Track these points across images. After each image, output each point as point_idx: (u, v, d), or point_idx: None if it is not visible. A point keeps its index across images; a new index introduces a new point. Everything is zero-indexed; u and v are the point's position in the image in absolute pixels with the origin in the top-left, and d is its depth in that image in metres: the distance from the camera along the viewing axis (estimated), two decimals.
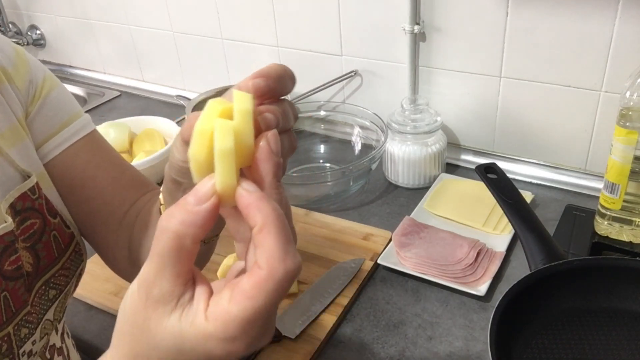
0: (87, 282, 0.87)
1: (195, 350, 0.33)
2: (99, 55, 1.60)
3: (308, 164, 1.14)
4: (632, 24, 0.84)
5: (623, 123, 0.77)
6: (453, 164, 1.10)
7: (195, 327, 0.32)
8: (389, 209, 1.00)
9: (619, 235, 0.85)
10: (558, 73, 0.94)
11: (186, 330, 0.33)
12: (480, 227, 0.91)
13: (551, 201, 0.98)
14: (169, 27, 1.39)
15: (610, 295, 0.69)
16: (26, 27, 1.71)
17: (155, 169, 1.08)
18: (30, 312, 0.51)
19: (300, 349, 0.72)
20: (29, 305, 0.51)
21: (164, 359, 0.34)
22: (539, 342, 0.65)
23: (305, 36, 1.18)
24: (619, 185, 0.81)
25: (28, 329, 0.50)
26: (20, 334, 0.49)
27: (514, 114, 1.02)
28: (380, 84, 1.14)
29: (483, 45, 0.98)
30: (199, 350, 0.33)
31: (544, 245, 0.71)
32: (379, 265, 0.85)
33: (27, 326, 0.50)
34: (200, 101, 1.25)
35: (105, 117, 1.39)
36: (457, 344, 0.73)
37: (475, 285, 0.79)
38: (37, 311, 0.52)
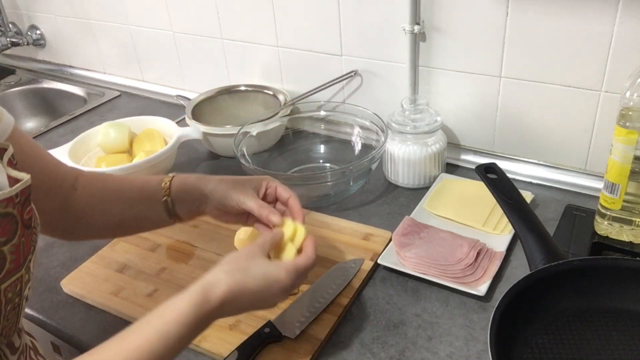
0: (87, 282, 0.87)
1: (271, 275, 0.63)
2: (99, 55, 1.60)
3: (308, 164, 1.14)
4: (632, 24, 0.84)
5: (623, 123, 0.77)
6: (453, 164, 1.10)
7: (275, 264, 0.66)
8: (389, 209, 1.00)
9: (619, 235, 0.85)
10: (558, 73, 0.94)
11: (269, 263, 0.65)
12: (480, 227, 0.91)
13: (551, 201, 0.98)
14: (169, 27, 1.39)
15: (610, 295, 0.69)
16: (26, 27, 1.71)
17: (155, 169, 1.08)
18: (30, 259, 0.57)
19: (300, 349, 0.72)
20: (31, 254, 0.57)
21: (254, 274, 0.63)
22: (539, 342, 0.66)
23: (305, 36, 1.18)
24: (619, 185, 0.81)
25: (28, 274, 0.57)
26: (24, 279, 0.56)
27: (514, 114, 1.02)
28: (380, 84, 1.14)
29: (483, 45, 0.98)
30: (273, 275, 0.63)
31: (544, 245, 0.71)
32: (379, 265, 0.85)
33: (27, 272, 0.57)
34: (200, 101, 1.26)
35: (105, 117, 1.39)
36: (457, 344, 0.73)
37: (475, 285, 0.79)
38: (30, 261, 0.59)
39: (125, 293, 0.84)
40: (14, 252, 0.54)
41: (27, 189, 0.55)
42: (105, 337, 0.79)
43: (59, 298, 0.87)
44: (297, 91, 1.23)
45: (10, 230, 0.53)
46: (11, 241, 0.53)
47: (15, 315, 0.57)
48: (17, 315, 0.58)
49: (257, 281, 0.63)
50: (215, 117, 1.26)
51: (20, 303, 0.57)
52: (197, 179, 0.77)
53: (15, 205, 0.53)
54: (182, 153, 1.21)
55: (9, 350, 0.60)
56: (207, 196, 0.76)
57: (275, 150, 1.16)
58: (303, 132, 1.19)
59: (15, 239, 0.54)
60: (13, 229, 0.53)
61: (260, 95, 1.28)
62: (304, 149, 1.17)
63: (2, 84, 1.69)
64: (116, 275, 0.88)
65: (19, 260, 0.55)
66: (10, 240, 0.53)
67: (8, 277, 0.54)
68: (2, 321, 0.55)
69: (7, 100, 1.65)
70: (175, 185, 0.76)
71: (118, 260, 0.91)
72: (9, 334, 0.58)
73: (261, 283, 0.63)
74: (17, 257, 0.54)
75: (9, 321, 0.56)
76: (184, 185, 0.76)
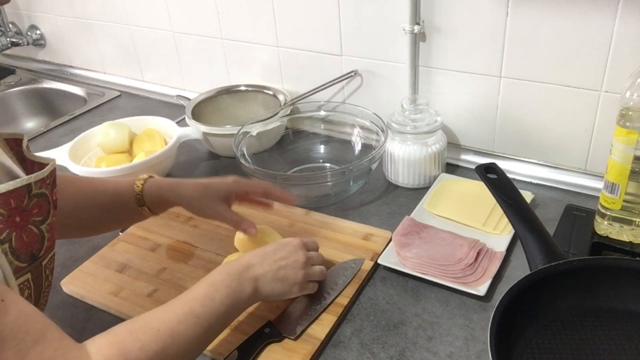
0: (87, 282, 0.87)
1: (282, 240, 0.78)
2: (99, 55, 1.60)
3: (308, 164, 1.14)
4: (632, 24, 0.84)
5: (623, 123, 0.77)
6: (453, 164, 1.10)
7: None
8: (389, 209, 1.00)
9: (619, 235, 0.85)
10: (558, 73, 0.94)
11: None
12: (480, 227, 0.91)
13: (551, 201, 0.98)
14: (169, 27, 1.39)
15: (610, 295, 0.69)
16: (26, 27, 1.71)
17: (155, 169, 1.08)
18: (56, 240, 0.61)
19: (300, 349, 0.72)
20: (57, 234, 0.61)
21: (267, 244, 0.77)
22: (539, 342, 0.66)
23: (305, 36, 1.18)
24: (619, 185, 0.81)
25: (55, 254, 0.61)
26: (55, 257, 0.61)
27: (514, 114, 1.02)
28: (380, 84, 1.14)
29: (483, 45, 0.98)
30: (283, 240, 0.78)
31: (544, 245, 0.71)
32: (379, 265, 0.85)
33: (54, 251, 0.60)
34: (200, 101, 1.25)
35: (105, 117, 1.39)
36: (457, 344, 0.73)
37: (475, 285, 0.79)
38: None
39: (125, 293, 0.84)
40: (49, 230, 0.57)
41: (54, 171, 0.60)
42: None
43: (59, 298, 0.87)
44: (297, 91, 1.23)
45: (45, 209, 0.56)
46: (47, 220, 0.57)
47: (48, 293, 0.61)
48: (49, 293, 0.62)
49: (271, 246, 0.76)
50: (215, 117, 1.26)
51: (51, 281, 0.61)
52: (169, 190, 0.82)
53: (47, 186, 0.57)
54: (182, 153, 1.21)
55: None
56: (180, 205, 0.83)
57: (275, 150, 1.16)
58: (303, 132, 1.19)
59: (50, 218, 0.57)
60: (47, 209, 0.57)
61: (260, 95, 1.28)
62: (304, 149, 1.17)
63: (2, 84, 1.69)
64: (116, 275, 0.88)
65: (54, 238, 0.59)
66: (46, 219, 0.56)
67: (47, 253, 0.57)
68: (41, 298, 0.59)
69: (7, 100, 1.65)
70: (148, 195, 0.81)
71: (118, 260, 0.91)
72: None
73: (275, 245, 0.76)
74: (52, 235, 0.58)
75: (44, 298, 0.60)
76: (157, 197, 0.82)
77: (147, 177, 0.82)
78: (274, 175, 0.99)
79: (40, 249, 0.56)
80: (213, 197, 0.81)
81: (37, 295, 0.57)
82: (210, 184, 0.83)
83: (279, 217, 0.96)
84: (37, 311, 0.52)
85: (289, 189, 1.01)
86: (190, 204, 0.81)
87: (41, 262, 0.56)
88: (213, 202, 0.81)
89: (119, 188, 0.81)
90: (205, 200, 0.81)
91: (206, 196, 0.81)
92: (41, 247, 0.56)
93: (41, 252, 0.56)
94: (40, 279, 0.57)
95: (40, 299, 0.58)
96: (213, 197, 0.81)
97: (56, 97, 1.64)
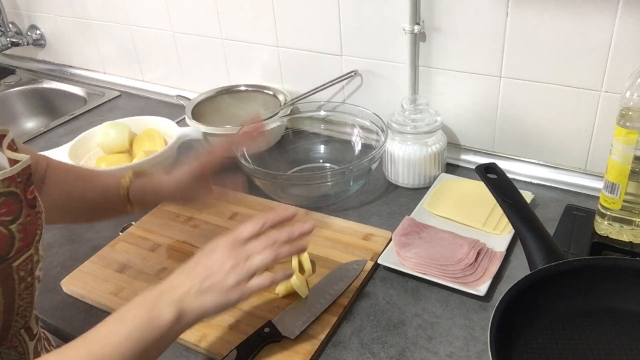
0: (87, 282, 0.87)
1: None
2: (99, 55, 1.60)
3: (308, 164, 1.14)
4: (632, 24, 0.84)
5: (623, 123, 0.77)
6: (453, 164, 1.10)
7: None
8: (389, 209, 1.00)
9: (619, 235, 0.85)
10: (558, 73, 0.94)
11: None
12: (480, 227, 0.91)
13: (551, 201, 0.98)
14: (169, 27, 1.39)
15: (610, 295, 0.69)
16: (26, 27, 1.71)
17: (155, 169, 1.08)
18: (37, 240, 0.59)
19: (300, 349, 0.72)
20: (38, 235, 0.59)
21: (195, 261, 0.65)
22: (539, 342, 0.65)
23: (305, 36, 1.18)
24: (619, 185, 0.81)
25: (37, 255, 0.59)
26: (34, 258, 0.58)
27: (514, 114, 1.02)
28: (380, 84, 1.14)
29: (483, 45, 0.98)
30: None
31: (544, 245, 0.71)
32: (379, 265, 0.85)
33: (37, 253, 0.59)
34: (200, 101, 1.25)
35: (105, 117, 1.39)
36: (457, 344, 0.73)
37: (475, 285, 0.79)
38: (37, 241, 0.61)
39: (125, 293, 0.84)
40: (21, 230, 0.55)
41: (28, 169, 0.58)
42: None
43: (59, 298, 0.87)
44: (297, 91, 1.23)
45: (16, 209, 0.55)
46: (18, 219, 0.55)
47: (30, 295, 0.59)
48: (32, 295, 0.59)
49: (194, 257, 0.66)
50: (215, 117, 1.25)
51: (32, 283, 0.59)
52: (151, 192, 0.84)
53: (17, 185, 0.55)
54: (182, 153, 1.21)
55: (27, 336, 0.62)
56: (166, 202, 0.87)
57: (275, 150, 1.16)
58: (303, 132, 1.19)
59: (22, 217, 0.55)
60: (18, 208, 0.55)
61: (260, 95, 1.28)
62: (304, 149, 1.17)
63: (2, 84, 1.69)
64: (116, 275, 0.88)
65: (27, 238, 0.56)
66: (17, 219, 0.55)
67: (19, 255, 0.55)
68: (17, 300, 0.56)
69: (7, 100, 1.65)
70: (134, 194, 0.82)
71: (118, 260, 0.91)
72: (27, 316, 0.60)
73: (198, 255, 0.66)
74: (26, 235, 0.56)
75: (23, 300, 0.58)
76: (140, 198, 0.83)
77: (132, 172, 0.84)
78: (274, 175, 1.00)
79: (10, 250, 0.54)
80: (190, 187, 0.83)
81: (10, 298, 0.55)
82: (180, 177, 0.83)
83: None
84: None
85: (289, 189, 1.01)
86: (174, 200, 0.88)
87: (11, 264, 0.54)
88: (192, 191, 0.84)
89: (107, 185, 0.82)
90: (185, 192, 0.84)
91: (185, 190, 0.83)
92: (10, 248, 0.54)
93: (11, 253, 0.54)
94: (10, 281, 0.55)
95: (15, 302, 0.56)
96: (191, 188, 0.83)
97: (56, 97, 1.65)
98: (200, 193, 0.85)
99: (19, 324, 0.59)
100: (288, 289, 0.80)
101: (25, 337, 0.62)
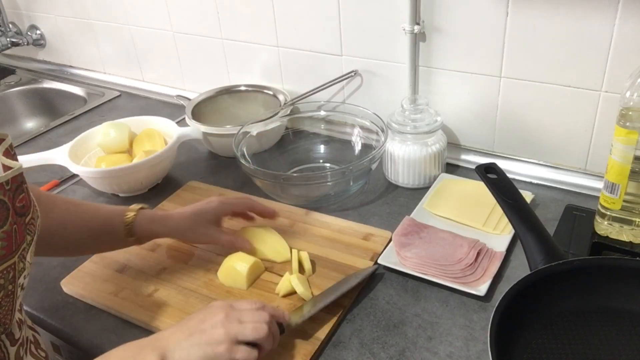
0: (87, 282, 0.87)
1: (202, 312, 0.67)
2: (99, 55, 1.60)
3: (308, 164, 1.14)
4: (632, 24, 0.84)
5: (623, 123, 0.77)
6: (453, 164, 1.10)
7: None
8: (389, 209, 1.00)
9: (619, 235, 0.85)
10: (558, 73, 0.94)
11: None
12: (480, 227, 0.91)
13: (551, 201, 0.98)
14: (169, 27, 1.39)
15: (610, 295, 0.69)
16: (26, 27, 1.71)
17: (155, 169, 1.08)
18: (25, 248, 0.58)
19: (300, 349, 0.72)
20: (25, 243, 0.58)
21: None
22: (539, 342, 0.65)
23: (305, 36, 1.18)
24: (619, 185, 0.81)
25: (22, 263, 0.58)
26: (18, 267, 0.57)
27: (514, 114, 1.02)
28: (380, 84, 1.14)
29: (483, 45, 0.98)
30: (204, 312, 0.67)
31: (544, 245, 0.71)
32: (379, 265, 0.85)
33: (22, 261, 0.58)
34: (200, 101, 1.26)
35: (105, 117, 1.39)
36: (457, 344, 0.73)
37: (475, 285, 0.79)
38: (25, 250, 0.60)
39: (125, 293, 0.84)
40: (4, 238, 0.54)
41: (19, 177, 0.57)
42: (105, 337, 0.79)
43: (59, 298, 0.87)
44: (297, 91, 1.23)
45: (1, 216, 0.54)
46: (2, 227, 0.54)
47: (10, 302, 0.58)
48: (12, 303, 0.58)
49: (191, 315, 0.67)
50: (215, 117, 1.26)
51: (14, 291, 0.58)
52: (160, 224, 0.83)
53: (6, 192, 0.55)
54: (182, 153, 1.21)
55: (8, 342, 0.61)
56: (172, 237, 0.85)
57: (275, 150, 1.16)
58: (303, 132, 1.19)
59: (7, 225, 0.54)
60: (4, 215, 0.54)
61: (260, 95, 1.28)
62: (304, 149, 1.17)
63: (2, 84, 1.69)
64: (116, 275, 0.88)
65: (11, 247, 0.55)
66: (1, 226, 0.54)
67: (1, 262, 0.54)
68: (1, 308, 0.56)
69: (7, 100, 1.65)
70: (139, 228, 0.82)
71: (118, 260, 0.91)
72: (6, 323, 0.59)
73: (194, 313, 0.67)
74: (9, 243, 0.55)
75: (2, 308, 0.57)
76: (147, 231, 0.82)
77: (138, 208, 0.83)
78: (274, 175, 1.00)
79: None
80: (203, 223, 0.85)
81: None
82: (197, 212, 0.85)
83: (280, 216, 0.96)
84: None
85: (289, 189, 1.01)
86: (183, 234, 0.85)
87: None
88: (204, 228, 0.85)
89: (110, 215, 0.81)
90: (197, 229, 0.84)
91: (197, 224, 0.84)
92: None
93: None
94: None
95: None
96: (203, 224, 0.85)
97: (56, 97, 1.65)
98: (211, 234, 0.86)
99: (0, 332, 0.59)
100: (288, 288, 0.80)
101: (6, 343, 0.61)
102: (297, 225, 0.96)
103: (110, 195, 1.11)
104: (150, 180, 1.10)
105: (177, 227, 0.84)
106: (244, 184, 1.09)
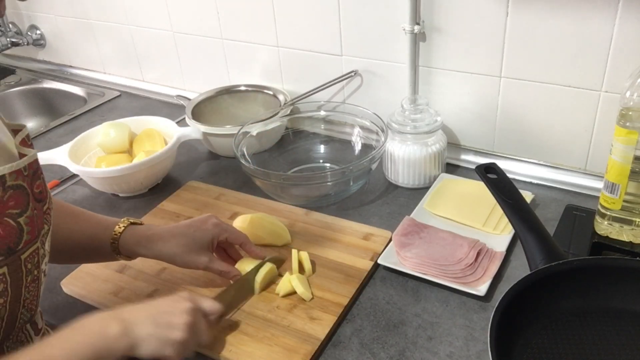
0: (87, 282, 0.87)
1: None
2: (99, 55, 1.60)
3: (308, 164, 1.14)
4: (632, 24, 0.84)
5: (623, 123, 0.77)
6: (453, 164, 1.10)
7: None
8: (389, 209, 1.00)
9: (619, 235, 0.85)
10: (558, 73, 0.94)
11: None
12: (480, 227, 0.91)
13: (551, 201, 0.98)
14: (169, 27, 1.39)
15: (610, 295, 0.69)
16: (26, 27, 1.71)
17: (155, 169, 1.08)
18: (44, 234, 0.61)
19: (300, 349, 0.72)
20: (43, 230, 0.61)
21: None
22: (539, 342, 0.66)
23: (305, 36, 1.18)
24: (619, 185, 0.81)
25: (43, 249, 0.61)
26: (40, 252, 0.60)
27: (514, 114, 1.02)
28: (380, 84, 1.14)
29: (483, 45, 0.98)
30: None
31: (544, 245, 0.71)
32: (379, 265, 0.85)
33: (43, 247, 0.60)
34: (200, 101, 1.26)
35: (105, 117, 1.39)
36: (457, 344, 0.73)
37: (475, 285, 0.79)
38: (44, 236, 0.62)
39: (125, 293, 0.84)
40: (28, 223, 0.57)
41: (35, 163, 0.60)
42: None
43: (59, 298, 0.87)
44: (297, 91, 1.23)
45: (23, 202, 0.57)
46: (25, 212, 0.57)
47: (36, 288, 0.61)
48: (37, 289, 0.61)
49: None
50: (215, 117, 1.26)
51: (39, 276, 0.61)
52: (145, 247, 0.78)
53: (24, 178, 0.57)
54: (182, 153, 1.21)
55: (33, 331, 0.64)
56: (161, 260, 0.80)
57: (275, 150, 1.16)
58: (303, 132, 1.19)
59: (29, 210, 0.57)
60: (25, 201, 0.57)
61: (260, 95, 1.28)
62: (304, 149, 1.17)
63: (2, 84, 1.69)
64: (116, 275, 0.88)
65: (34, 231, 0.58)
66: (24, 211, 0.57)
67: (27, 247, 0.57)
68: (24, 292, 0.58)
69: (7, 100, 1.65)
70: (124, 246, 0.78)
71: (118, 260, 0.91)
72: (32, 309, 0.62)
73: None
74: (32, 228, 0.58)
75: (30, 293, 0.60)
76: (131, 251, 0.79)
77: (127, 224, 0.79)
78: (274, 175, 1.00)
79: (19, 242, 0.56)
80: (195, 250, 0.78)
81: (17, 290, 0.57)
82: (190, 236, 0.79)
83: (280, 217, 0.96)
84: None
85: (289, 189, 1.01)
86: (172, 260, 0.79)
87: (20, 256, 0.56)
88: (195, 255, 0.78)
89: (97, 231, 0.79)
90: (187, 256, 0.78)
91: (188, 251, 0.78)
92: (19, 241, 0.56)
93: (19, 246, 0.56)
94: (19, 273, 0.56)
95: (22, 294, 0.58)
96: (195, 250, 0.78)
97: (56, 97, 1.65)
98: (203, 261, 0.79)
99: (25, 317, 0.61)
100: (288, 288, 0.80)
101: (31, 332, 0.64)
102: (297, 225, 0.96)
103: (110, 195, 1.11)
104: (150, 180, 1.10)
105: (164, 252, 0.78)
106: (244, 184, 1.09)
